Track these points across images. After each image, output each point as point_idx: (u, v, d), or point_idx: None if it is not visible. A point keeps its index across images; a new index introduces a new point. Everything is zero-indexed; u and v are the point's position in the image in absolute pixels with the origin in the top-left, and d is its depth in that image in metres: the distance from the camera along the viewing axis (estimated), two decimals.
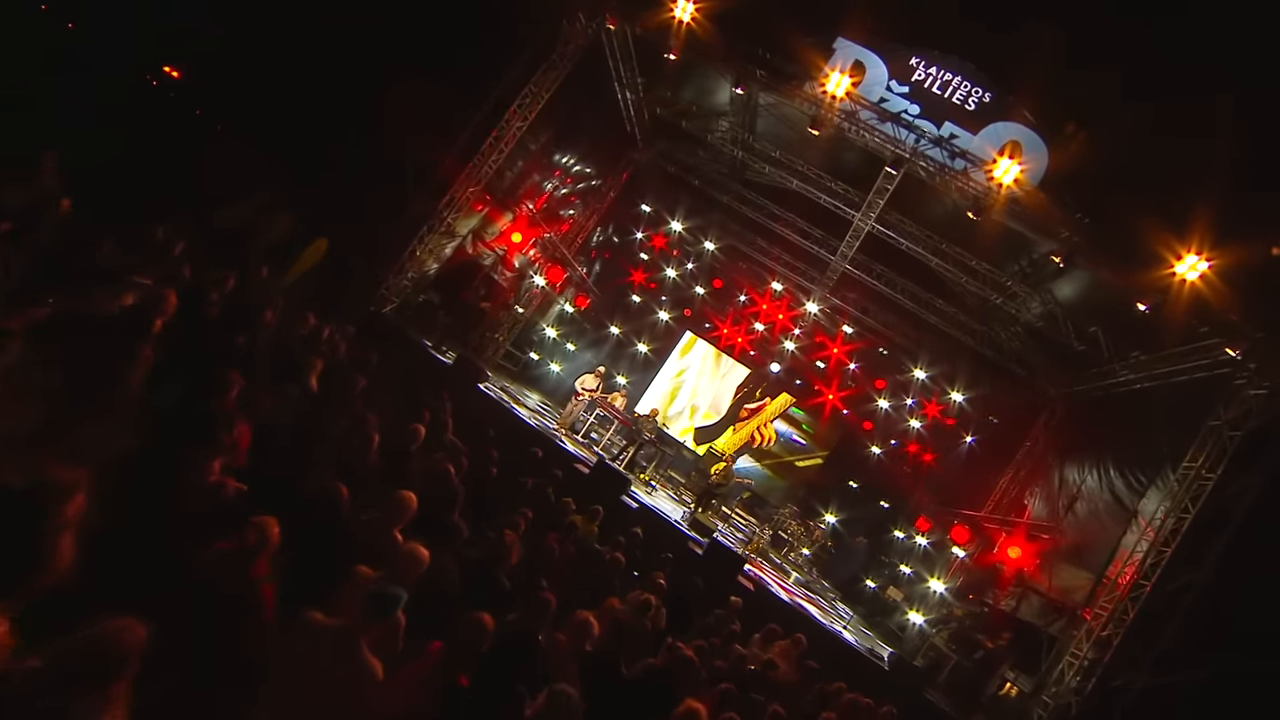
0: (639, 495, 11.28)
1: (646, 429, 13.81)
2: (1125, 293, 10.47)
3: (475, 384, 11.51)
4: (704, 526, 11.32)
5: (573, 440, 13.12)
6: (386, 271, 12.12)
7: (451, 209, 12.43)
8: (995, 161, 9.47)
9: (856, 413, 19.68)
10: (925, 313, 16.75)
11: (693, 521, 11.45)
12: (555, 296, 19.32)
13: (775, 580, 12.21)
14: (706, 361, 21.12)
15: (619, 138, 17.19)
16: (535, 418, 12.31)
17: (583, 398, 13.14)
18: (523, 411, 12.03)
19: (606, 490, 9.98)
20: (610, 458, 13.76)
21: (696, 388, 21.00)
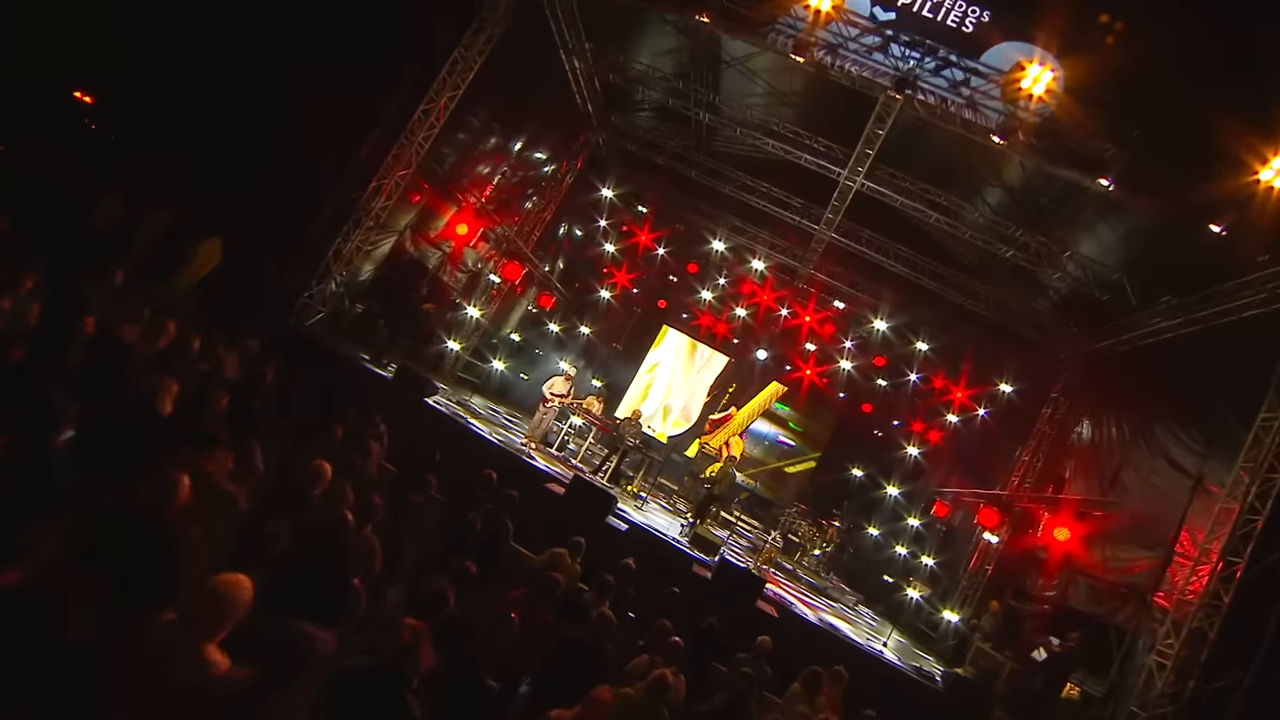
0: (627, 513, 9.52)
1: (629, 434, 12.06)
2: (1166, 226, 9.04)
3: (422, 398, 9.67)
4: (708, 542, 9.60)
5: (545, 455, 11.30)
6: (309, 277, 10.19)
7: (380, 199, 10.56)
8: (1022, 69, 7.92)
9: (853, 395, 18.17)
10: (922, 278, 15.28)
11: (694, 537, 9.72)
12: (517, 298, 17.49)
13: (796, 595, 10.53)
14: (681, 356, 19.46)
15: (571, 117, 15.45)
16: (498, 433, 10.48)
17: (552, 404, 11.35)
18: (482, 427, 10.21)
19: (588, 513, 8.21)
20: (591, 470, 11.99)
21: (670, 385, 19.32)
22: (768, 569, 11.30)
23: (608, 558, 7.63)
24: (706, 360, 19.38)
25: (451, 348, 14.75)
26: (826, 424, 18.27)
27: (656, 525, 10.01)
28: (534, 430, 11.29)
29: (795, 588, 11.68)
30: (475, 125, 12.26)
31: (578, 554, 6.66)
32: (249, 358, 7.72)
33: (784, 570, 12.79)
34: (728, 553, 10.63)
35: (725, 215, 17.72)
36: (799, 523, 13.98)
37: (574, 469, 11.48)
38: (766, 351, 18.72)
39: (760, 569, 10.82)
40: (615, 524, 8.40)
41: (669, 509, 13.50)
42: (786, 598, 9.69)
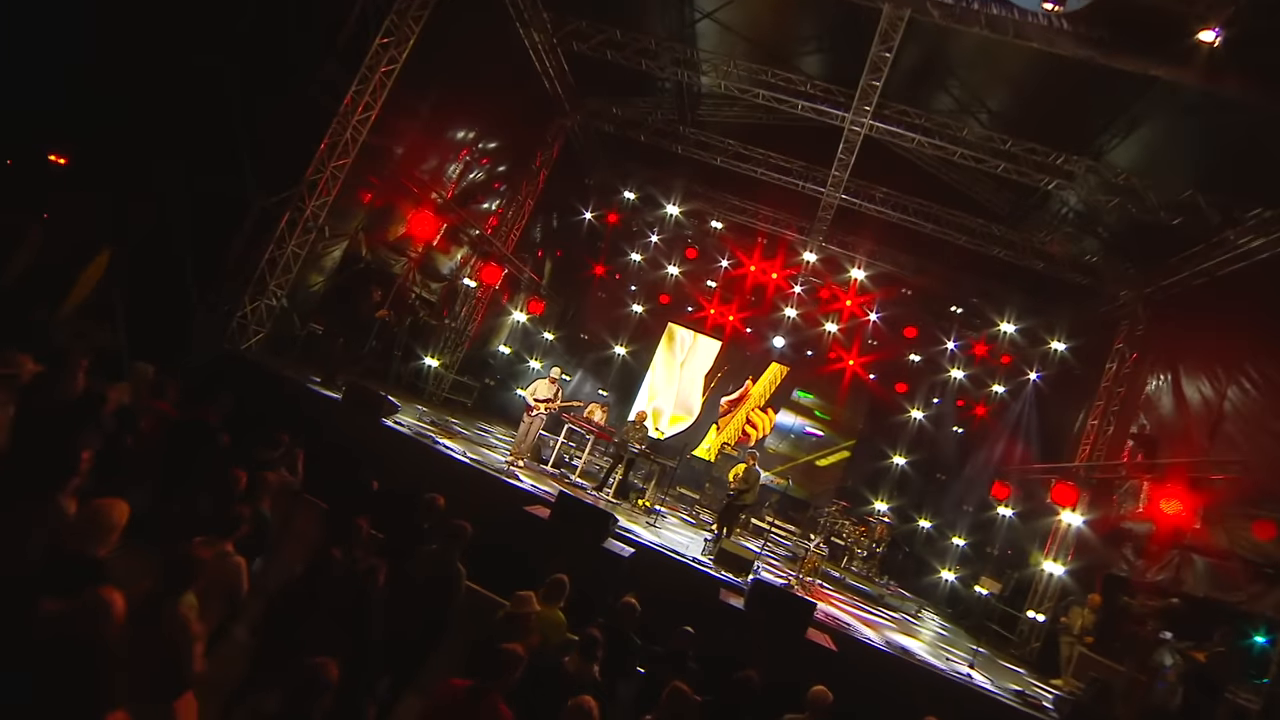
0: (635, 533, 7.81)
1: (634, 439, 10.37)
2: (1268, 119, 7.23)
3: (377, 419, 8.08)
4: (738, 559, 7.84)
5: (533, 473, 9.65)
6: (242, 293, 8.69)
7: (315, 197, 9.06)
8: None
9: (885, 376, 16.32)
10: (950, 234, 13.49)
11: (720, 554, 7.97)
12: (504, 307, 15.95)
13: (851, 611, 8.71)
14: (661, 350, 17.73)
15: (541, 102, 13.98)
16: (475, 452, 8.85)
17: (537, 413, 9.71)
18: (454, 447, 8.58)
19: (580, 538, 6.53)
20: (594, 487, 10.31)
21: (654, 384, 17.60)
22: (813, 582, 9.50)
23: (608, 592, 5.95)
24: (690, 347, 17.60)
25: (429, 364, 13.22)
26: (858, 410, 16.42)
27: (673, 544, 8.28)
28: (519, 445, 9.66)
29: (848, 600, 9.85)
30: (426, 111, 10.77)
31: (558, 597, 4.97)
32: (144, 385, 6.23)
33: (831, 580, 10.96)
34: (763, 569, 8.86)
35: (722, 195, 16.13)
36: (842, 522, 12.15)
37: (571, 487, 9.80)
38: (783, 339, 16.97)
39: (805, 583, 9.03)
40: (616, 548, 6.70)
41: (691, 522, 11.76)
42: (842, 617, 7.88)
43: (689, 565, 7.40)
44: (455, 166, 12.32)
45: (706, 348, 17.42)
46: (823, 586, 9.91)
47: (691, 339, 17.43)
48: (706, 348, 17.42)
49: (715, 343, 17.37)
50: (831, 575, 11.26)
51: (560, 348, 17.64)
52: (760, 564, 8.65)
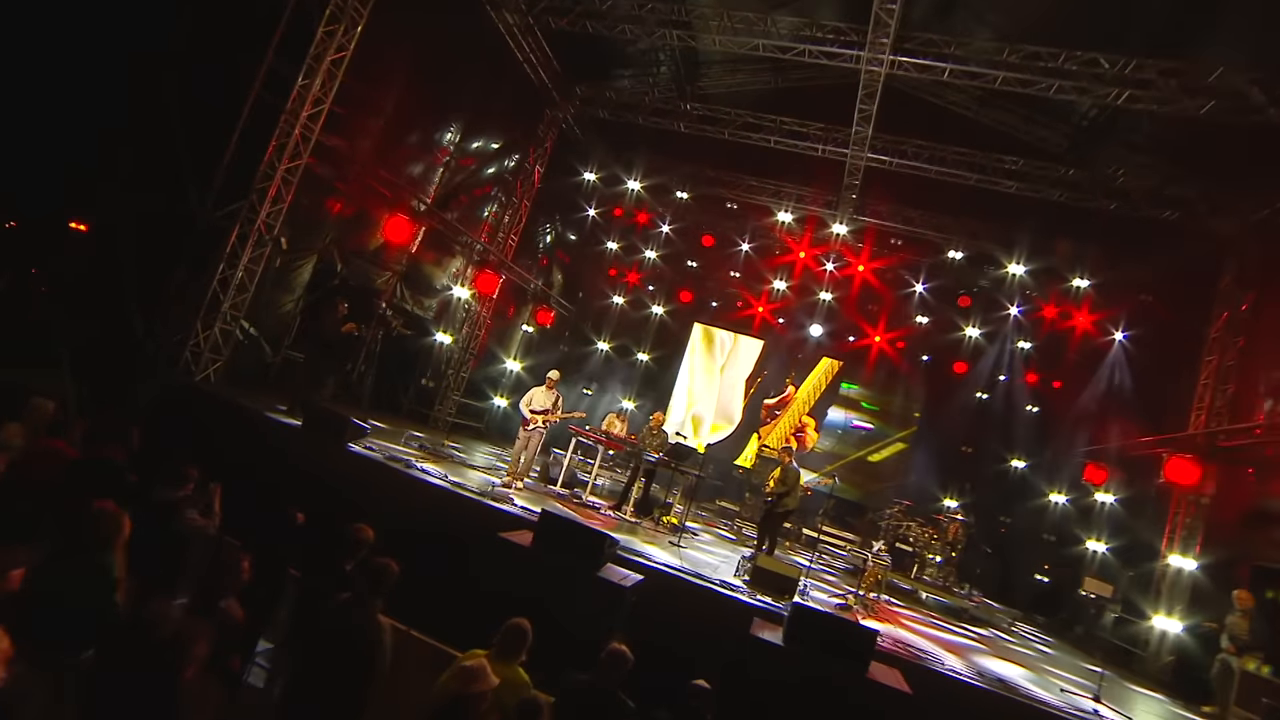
0: (649, 555, 6.49)
1: (651, 446, 9.07)
2: None
3: (342, 445, 7.05)
4: (777, 578, 6.42)
5: (531, 495, 8.45)
6: (193, 319, 7.84)
7: (266, 205, 8.19)
8: None
9: (940, 356, 14.60)
10: (999, 182, 11.86)
11: (755, 574, 6.56)
12: (510, 320, 14.97)
13: (927, 631, 7.14)
14: (698, 352, 16.41)
15: (527, 94, 13.09)
16: (460, 475, 7.70)
17: (535, 425, 8.52)
18: (435, 470, 7.47)
19: (568, 566, 5.27)
20: (613, 504, 9.04)
21: (693, 390, 16.27)
22: (878, 599, 7.95)
23: (602, 631, 4.68)
24: (731, 350, 16.24)
25: (422, 384, 12.26)
26: (913, 397, 14.72)
27: (698, 565, 6.92)
28: (516, 463, 8.48)
29: (923, 617, 8.25)
30: (390, 107, 9.91)
31: (516, 649, 3.72)
32: (41, 423, 5.33)
33: (900, 594, 9.34)
34: (813, 587, 7.39)
35: (735, 175, 14.87)
36: (906, 524, 10.51)
37: (579, 508, 8.56)
38: (821, 326, 15.44)
39: (867, 601, 7.50)
40: (615, 576, 5.39)
41: (730, 538, 10.33)
42: (916, 642, 6.35)
43: (714, 590, 6.03)
44: (435, 168, 11.43)
45: (748, 349, 16.07)
46: (890, 603, 8.34)
47: (731, 341, 16.13)
48: (748, 349, 16.07)
49: (757, 343, 15.99)
50: (900, 588, 9.64)
51: (577, 359, 16.54)
52: (809, 582, 7.18)
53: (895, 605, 8.48)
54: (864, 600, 7.45)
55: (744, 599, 6.00)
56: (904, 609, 8.48)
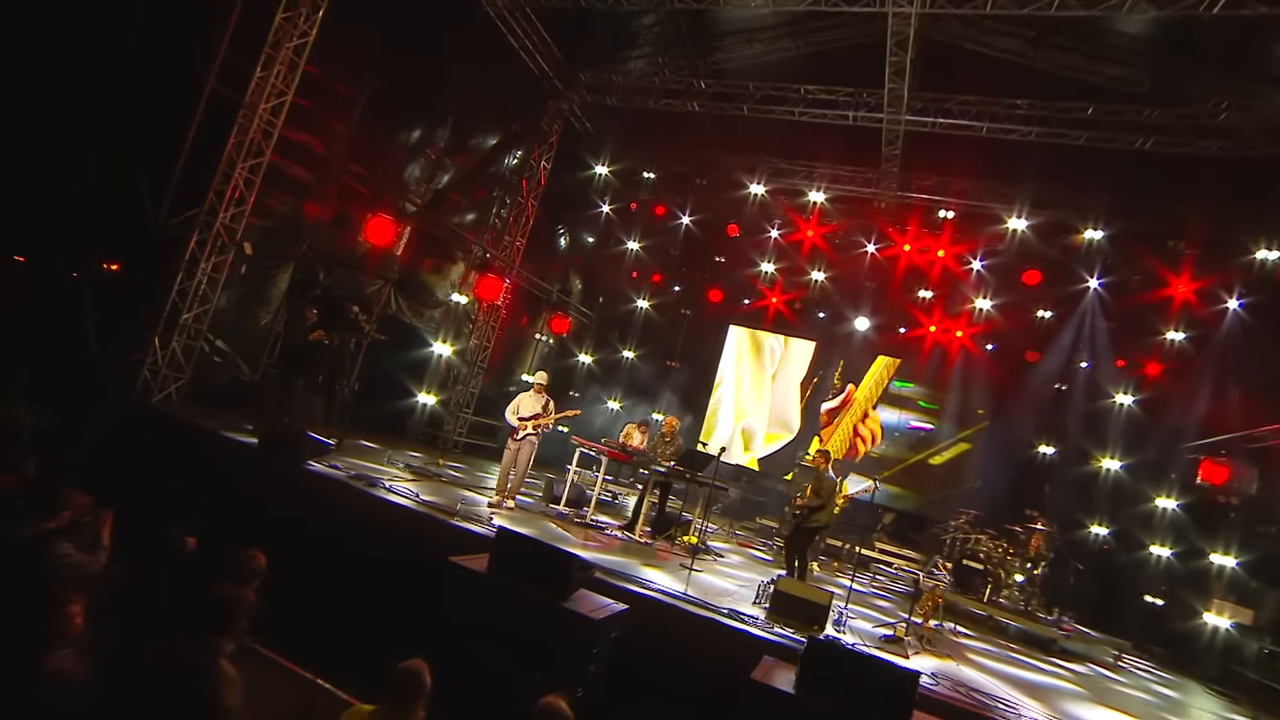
0: (646, 580, 5.59)
1: (664, 455, 8.18)
2: None
3: (299, 465, 6.47)
4: (801, 606, 5.41)
5: (523, 515, 7.68)
6: (151, 335, 7.48)
7: (226, 208, 7.81)
8: None
9: (1006, 343, 13.19)
10: (1065, 133, 10.57)
11: (775, 599, 5.56)
12: (524, 330, 14.40)
13: (1003, 670, 5.95)
14: (744, 361, 15.44)
15: (527, 85, 12.61)
16: (432, 494, 6.98)
17: (524, 434, 7.74)
18: (406, 489, 6.79)
19: (532, 593, 4.46)
20: (624, 525, 8.18)
21: (740, 404, 15.30)
22: (940, 628, 6.79)
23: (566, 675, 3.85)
24: (781, 354, 15.22)
25: (424, 402, 11.72)
26: (973, 391, 13.36)
27: (706, 592, 5.97)
28: (504, 480, 7.71)
29: (998, 650, 7.01)
30: (365, 101, 9.47)
31: (409, 700, 2.93)
32: None
33: (971, 621, 8.08)
34: (855, 616, 6.32)
35: (760, 157, 13.97)
36: (975, 537, 9.21)
37: (582, 527, 7.72)
38: (868, 318, 14.25)
39: (924, 632, 6.36)
40: (586, 606, 4.52)
41: (767, 559, 9.28)
42: (984, 684, 5.20)
43: (717, 622, 5.07)
44: (422, 166, 10.99)
45: (799, 352, 15.07)
46: (956, 633, 7.14)
47: (782, 346, 15.15)
48: (799, 352, 15.07)
49: (808, 344, 14.96)
50: (971, 614, 8.36)
51: (601, 370, 15.83)
52: (845, 609, 6.10)
53: (964, 636, 7.26)
54: (917, 631, 6.31)
55: (755, 632, 5.02)
56: (975, 640, 7.26)
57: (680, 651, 4.88)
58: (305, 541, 5.82)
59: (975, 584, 8.78)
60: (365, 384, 10.79)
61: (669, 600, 5.25)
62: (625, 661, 4.66)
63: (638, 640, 4.78)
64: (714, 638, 4.94)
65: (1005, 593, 9.13)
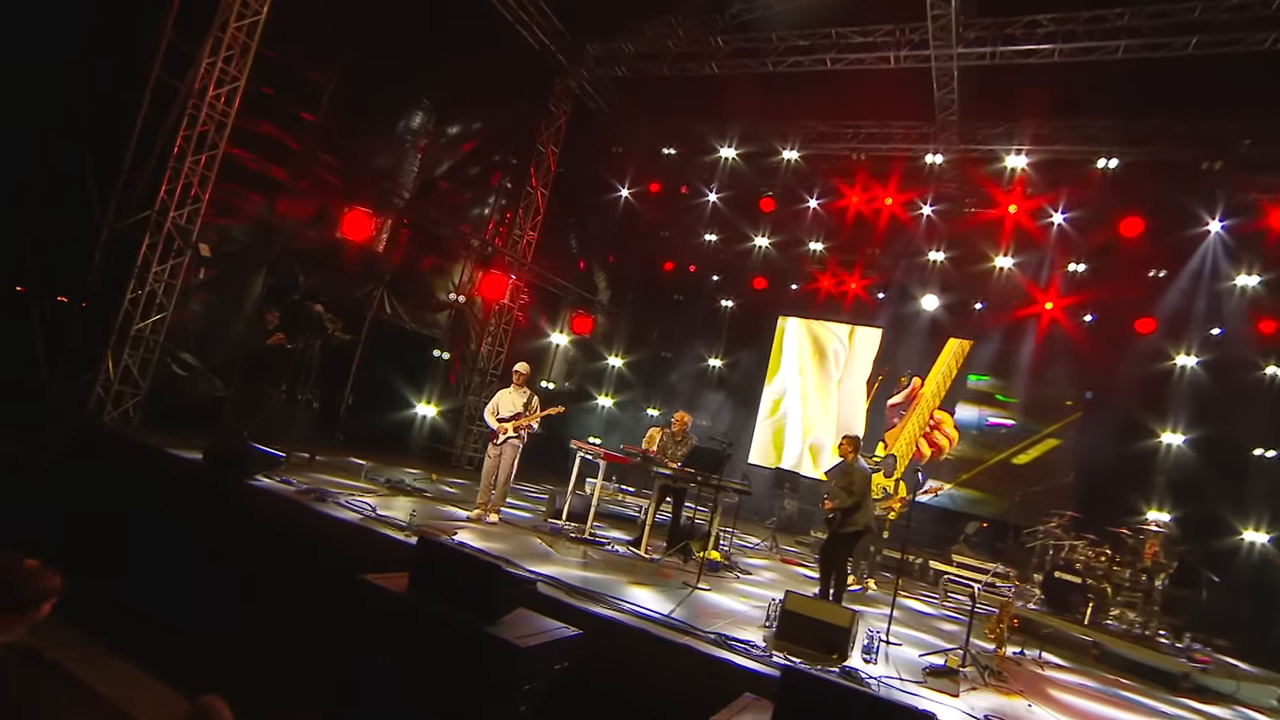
0: (623, 600, 4.90)
1: (673, 457, 7.47)
2: None
3: (243, 480, 6.15)
4: (816, 629, 4.60)
5: (506, 531, 7.12)
6: (103, 348, 7.41)
7: (179, 206, 7.69)
8: None
9: (1109, 314, 11.78)
10: (1164, 41, 9.26)
11: (783, 621, 4.75)
12: (543, 330, 13.99)
13: (1099, 716, 4.90)
14: (807, 366, 14.58)
15: (529, 63, 12.30)
16: (391, 510, 6.49)
17: (505, 438, 7.17)
18: (361, 502, 6.34)
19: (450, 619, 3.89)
20: (632, 541, 7.50)
21: (808, 417, 14.39)
22: (1023, 656, 5.75)
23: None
24: (846, 356, 14.25)
25: (425, 414, 11.38)
26: (1064, 375, 12.02)
27: (701, 615, 5.22)
28: (486, 491, 7.15)
29: (1102, 682, 5.90)
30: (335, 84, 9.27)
31: None
32: None
33: (1067, 646, 6.93)
34: (905, 640, 5.41)
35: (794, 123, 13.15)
36: (1070, 544, 7.99)
37: (576, 543, 7.08)
38: (936, 296, 13.11)
39: (992, 662, 5.36)
40: (522, 631, 3.87)
41: (813, 574, 8.36)
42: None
43: (696, 650, 4.30)
44: (408, 155, 10.76)
45: (864, 344, 14.17)
46: (1043, 662, 6.05)
47: (846, 343, 14.27)
48: (864, 344, 14.17)
49: (873, 333, 14.03)
50: (1069, 638, 7.18)
51: (635, 373, 15.22)
52: (881, 633, 5.18)
53: (1056, 668, 6.16)
54: (983, 660, 5.30)
55: (743, 662, 4.22)
56: (1070, 673, 6.14)
57: (647, 684, 4.16)
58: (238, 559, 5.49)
59: (1072, 602, 7.57)
60: (362, 396, 10.60)
61: (636, 624, 4.52)
62: (577, 697, 3.99)
63: (596, 671, 4.10)
64: (692, 668, 4.18)
65: (1115, 613, 7.86)
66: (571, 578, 5.36)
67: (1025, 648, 6.37)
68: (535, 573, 5.30)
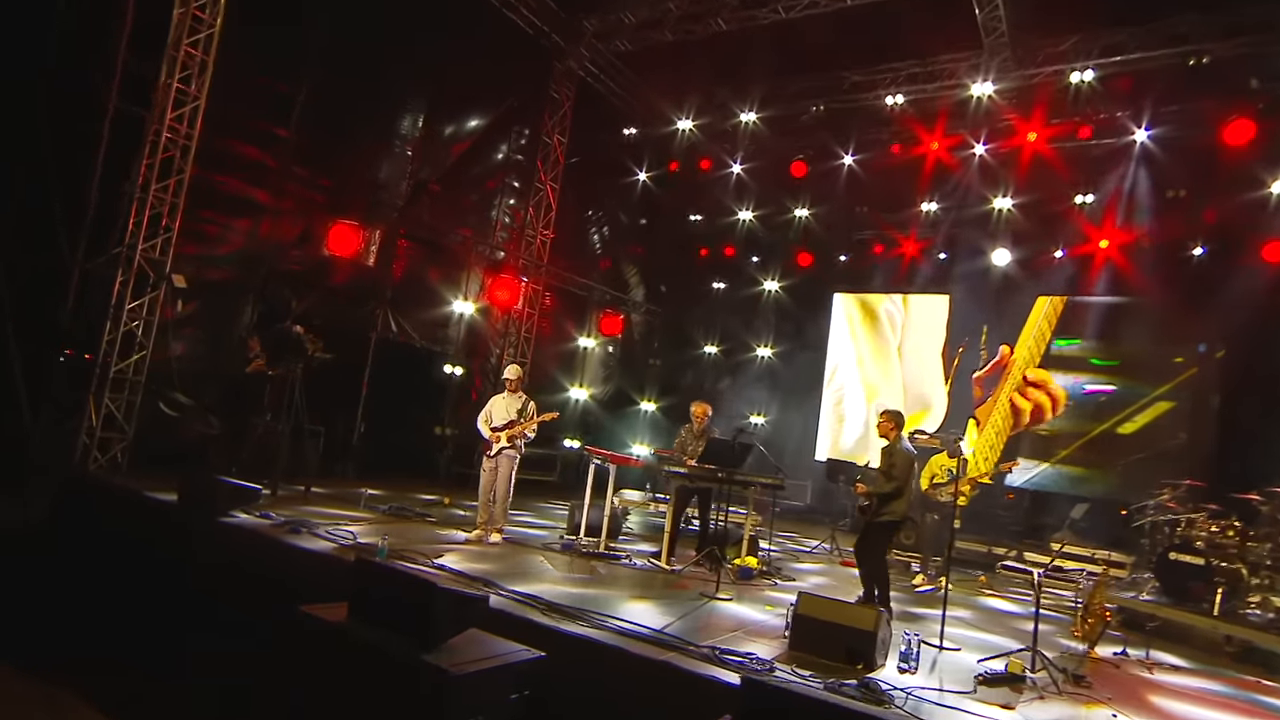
0: (606, 617, 4.52)
1: (692, 454, 7.06)
2: None
3: (213, 517, 6.13)
4: (832, 634, 4.11)
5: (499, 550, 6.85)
6: (84, 394, 7.60)
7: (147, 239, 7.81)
8: None
9: (1221, 239, 10.63)
10: None
11: (796, 629, 4.28)
12: (570, 334, 13.81)
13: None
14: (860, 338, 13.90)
15: (522, 50, 12.17)
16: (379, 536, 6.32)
17: (500, 448, 6.88)
18: (344, 532, 6.21)
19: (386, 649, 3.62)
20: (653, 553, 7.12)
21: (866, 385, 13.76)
22: (1120, 654, 5.04)
23: None
24: (904, 320, 13.50)
25: (448, 435, 11.30)
26: (1171, 326, 10.90)
27: (701, 628, 4.79)
28: (485, 508, 6.88)
29: (1238, 686, 5.11)
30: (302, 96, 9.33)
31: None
32: None
33: (1192, 643, 6.07)
34: (925, 645, 4.83)
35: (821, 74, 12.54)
36: (1188, 518, 7.07)
37: (589, 558, 6.74)
38: (1008, 249, 12.20)
39: (1076, 665, 4.70)
40: (467, 659, 3.54)
41: None
42: None
43: (678, 668, 3.87)
44: (397, 161, 10.78)
45: (928, 312, 13.48)
46: (1151, 664, 5.28)
47: (901, 309, 13.59)
48: (928, 312, 13.48)
49: (939, 299, 13.30)
50: (1192, 633, 6.31)
51: (677, 372, 14.83)
52: (914, 637, 4.60)
53: (1172, 666, 5.38)
54: (1061, 662, 4.63)
55: (734, 679, 3.76)
56: (1192, 676, 5.34)
57: (616, 708, 3.77)
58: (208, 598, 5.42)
59: (1194, 589, 6.67)
60: (375, 422, 10.61)
61: (612, 642, 4.12)
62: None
63: (557, 697, 3.74)
64: (670, 688, 3.76)
65: (1254, 599, 6.89)
66: (557, 595, 5.02)
67: (1130, 646, 5.59)
68: (516, 592, 5.00)
